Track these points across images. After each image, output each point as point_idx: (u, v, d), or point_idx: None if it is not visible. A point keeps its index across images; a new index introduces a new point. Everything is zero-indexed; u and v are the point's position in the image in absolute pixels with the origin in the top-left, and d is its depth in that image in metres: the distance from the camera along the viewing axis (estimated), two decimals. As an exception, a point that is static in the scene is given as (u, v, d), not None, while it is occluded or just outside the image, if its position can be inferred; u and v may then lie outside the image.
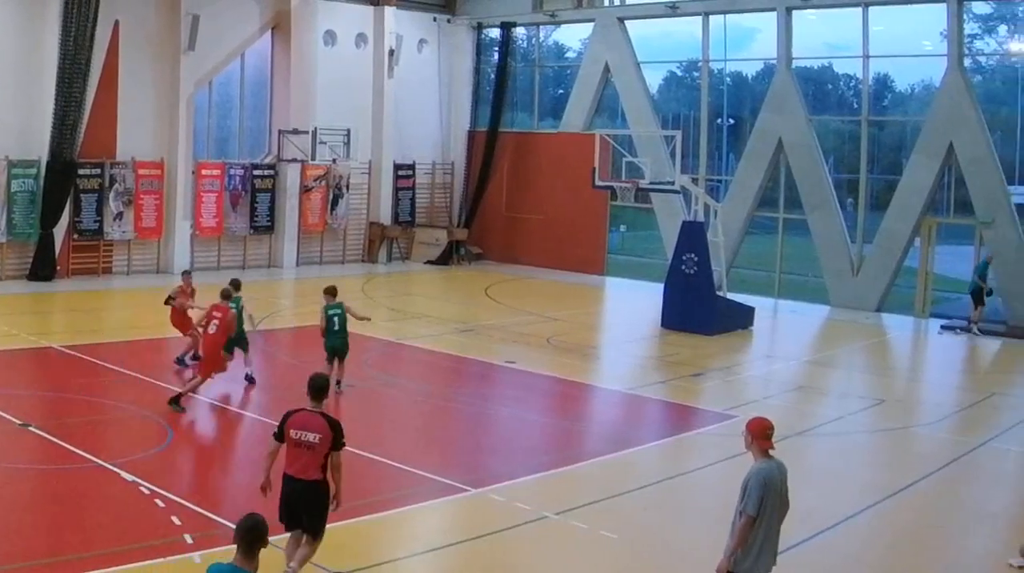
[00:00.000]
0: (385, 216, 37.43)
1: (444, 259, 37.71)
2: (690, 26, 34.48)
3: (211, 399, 17.86)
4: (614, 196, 30.00)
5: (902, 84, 32.90)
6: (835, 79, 34.45)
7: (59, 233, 29.58)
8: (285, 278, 32.85)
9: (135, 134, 30.99)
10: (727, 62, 34.63)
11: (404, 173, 38.11)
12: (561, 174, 36.12)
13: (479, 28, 39.56)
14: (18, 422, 15.12)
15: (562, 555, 11.64)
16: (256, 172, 34.05)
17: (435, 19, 39.24)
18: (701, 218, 26.70)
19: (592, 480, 14.35)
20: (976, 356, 25.77)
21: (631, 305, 31.33)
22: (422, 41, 38.84)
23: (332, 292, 18.56)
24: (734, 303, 27.03)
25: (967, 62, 29.11)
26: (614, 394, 19.94)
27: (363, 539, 11.46)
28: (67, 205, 29.57)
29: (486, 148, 38.46)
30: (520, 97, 39.90)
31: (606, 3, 36.87)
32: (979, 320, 26.93)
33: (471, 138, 39.44)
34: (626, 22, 35.72)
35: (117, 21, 30.24)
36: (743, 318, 26.60)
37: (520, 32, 39.56)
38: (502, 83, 38.59)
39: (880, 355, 25.85)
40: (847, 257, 30.74)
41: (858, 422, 17.95)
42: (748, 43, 34.77)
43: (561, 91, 39.51)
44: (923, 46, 30.97)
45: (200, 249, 32.80)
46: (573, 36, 39.44)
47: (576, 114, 36.95)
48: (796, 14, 31.73)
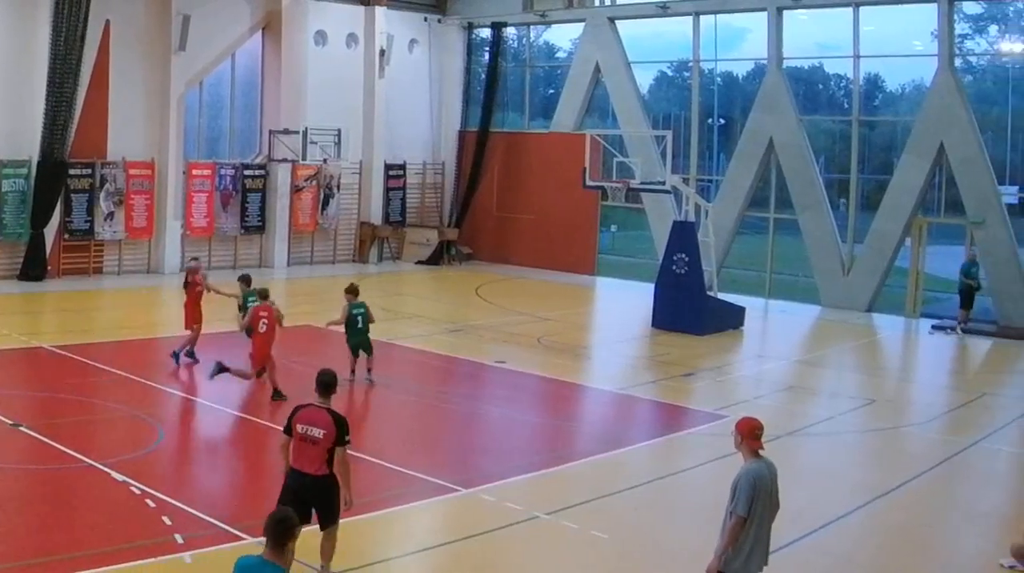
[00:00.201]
0: (376, 216, 37.42)
1: (435, 259, 37.71)
2: (681, 26, 34.47)
3: (201, 399, 17.86)
4: (605, 196, 29.98)
5: (893, 84, 32.99)
6: (826, 79, 34.51)
7: (50, 233, 29.54)
8: (276, 278, 32.75)
9: (126, 134, 30.96)
10: (718, 62, 34.65)
11: (395, 173, 38.08)
12: (552, 174, 36.12)
13: (470, 28, 39.54)
14: (9, 422, 15.08)
15: (553, 555, 11.64)
16: (247, 172, 34.02)
17: (426, 19, 39.23)
18: (692, 218, 26.70)
19: (583, 480, 14.35)
20: (967, 356, 25.81)
21: (622, 305, 31.33)
22: (413, 41, 38.83)
23: (355, 291, 19.16)
24: (725, 303, 27.04)
25: (958, 62, 29.17)
26: (605, 394, 19.94)
27: (353, 539, 11.42)
28: (58, 205, 29.55)
29: (477, 148, 38.43)
30: (511, 97, 39.90)
31: (596, 3, 36.86)
32: (964, 321, 26.97)
33: (462, 138, 39.43)
34: (617, 22, 35.73)
35: (108, 21, 30.19)
36: (734, 318, 26.63)
37: (511, 32, 39.56)
38: (493, 83, 38.54)
39: (871, 355, 25.88)
40: (838, 257, 30.77)
41: (849, 422, 17.97)
42: (739, 43, 34.81)
43: (552, 91, 39.52)
44: (914, 46, 31.04)
45: (191, 249, 32.54)
46: (564, 36, 39.46)
47: (567, 114, 36.95)
48: (787, 14, 31.74)
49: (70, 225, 30.08)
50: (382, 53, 36.81)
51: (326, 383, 10.30)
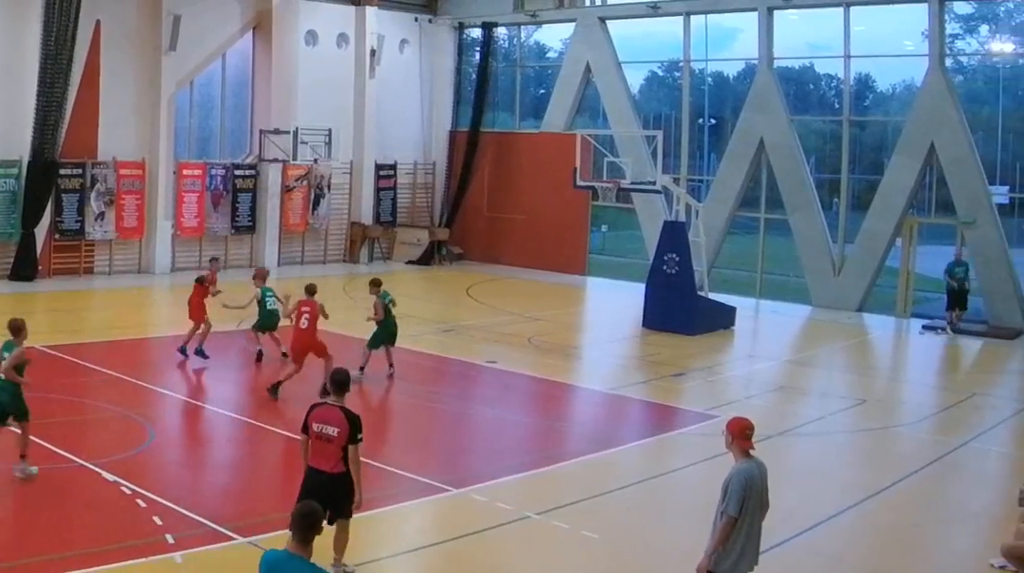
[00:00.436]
0: (367, 216, 37.40)
1: (425, 259, 37.69)
2: (671, 26, 34.53)
3: (192, 399, 17.85)
4: (595, 196, 29.94)
5: (883, 84, 33.01)
6: (816, 79, 34.56)
7: (40, 233, 29.49)
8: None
9: (116, 134, 30.91)
10: (708, 62, 34.67)
11: (386, 173, 38.06)
12: (542, 174, 36.11)
13: (460, 28, 39.53)
14: None
15: (544, 555, 11.64)
16: (237, 172, 33.97)
17: (416, 19, 39.22)
18: (682, 218, 26.72)
19: (574, 480, 14.36)
20: (957, 356, 25.87)
21: (612, 305, 31.34)
22: (403, 41, 38.81)
23: (379, 284, 19.71)
24: (715, 303, 27.07)
25: (948, 62, 29.20)
26: (595, 394, 19.95)
27: (345, 539, 11.44)
28: (48, 205, 29.50)
29: (467, 148, 38.43)
30: (501, 97, 39.89)
31: (587, 3, 36.88)
32: (954, 321, 27.02)
33: (452, 138, 39.42)
34: (607, 22, 35.74)
35: (98, 21, 30.15)
36: (724, 318, 26.64)
37: (501, 32, 39.59)
38: (483, 83, 38.53)
39: (861, 355, 25.91)
40: (828, 257, 30.81)
41: (839, 422, 17.99)
42: (729, 43, 34.83)
43: (542, 91, 39.52)
44: (904, 46, 31.07)
45: (181, 249, 32.72)
46: (554, 36, 39.49)
47: (557, 114, 36.96)
48: (777, 14, 31.75)
49: (61, 225, 30.03)
50: (373, 53, 36.79)
51: (340, 382, 10.50)
